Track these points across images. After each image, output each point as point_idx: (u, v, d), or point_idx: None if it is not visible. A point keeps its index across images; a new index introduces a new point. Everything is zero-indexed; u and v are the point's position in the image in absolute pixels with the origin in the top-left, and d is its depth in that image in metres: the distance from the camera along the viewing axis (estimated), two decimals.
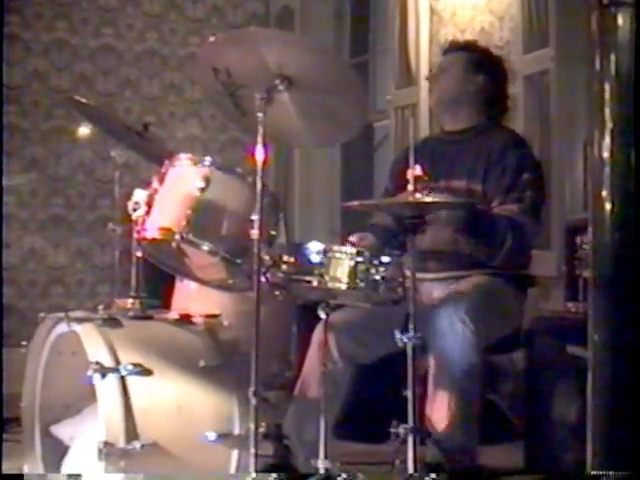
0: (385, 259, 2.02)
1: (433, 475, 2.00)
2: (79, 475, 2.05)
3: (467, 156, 2.59)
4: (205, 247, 2.13)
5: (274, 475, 2.06)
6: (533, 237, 2.50)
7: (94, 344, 2.11)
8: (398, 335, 2.00)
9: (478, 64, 2.63)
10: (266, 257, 2.02)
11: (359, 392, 2.56)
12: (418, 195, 2.02)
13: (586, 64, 1.54)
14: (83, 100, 2.68)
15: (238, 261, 2.13)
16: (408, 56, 4.33)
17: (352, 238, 2.41)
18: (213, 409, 2.16)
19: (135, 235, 2.22)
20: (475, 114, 2.65)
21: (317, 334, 2.38)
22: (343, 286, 2.00)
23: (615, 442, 1.47)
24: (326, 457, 2.05)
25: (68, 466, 2.28)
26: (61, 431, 2.38)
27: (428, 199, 2.04)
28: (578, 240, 2.46)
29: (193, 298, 2.60)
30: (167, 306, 2.67)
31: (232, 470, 2.14)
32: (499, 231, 2.40)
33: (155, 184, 2.21)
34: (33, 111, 4.89)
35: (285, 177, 5.16)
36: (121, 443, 2.03)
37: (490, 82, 2.64)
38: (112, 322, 2.19)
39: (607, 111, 1.48)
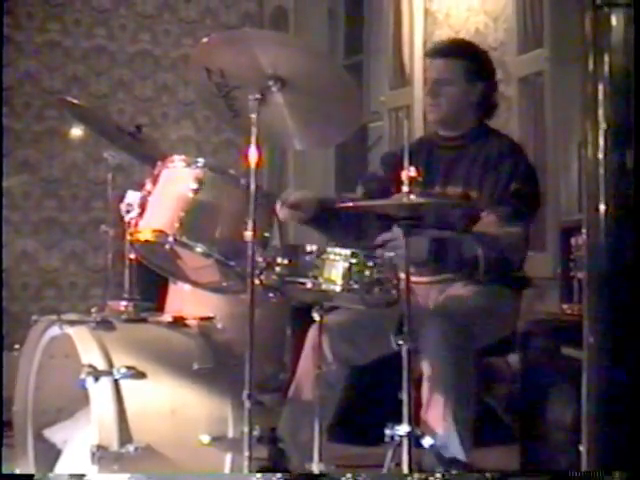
0: (380, 260, 2.01)
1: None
2: (83, 475, 2.04)
3: (464, 162, 2.58)
4: (198, 249, 2.12)
5: (278, 475, 2.04)
6: (516, 243, 2.46)
7: (87, 347, 2.11)
8: (393, 337, 1.99)
9: (479, 73, 2.61)
10: (260, 259, 2.02)
11: (353, 394, 2.55)
12: (412, 197, 2.01)
13: (581, 65, 1.54)
14: (75, 101, 2.68)
15: (232, 263, 2.13)
16: (402, 57, 4.33)
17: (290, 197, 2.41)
18: (207, 412, 2.16)
19: (128, 237, 2.21)
20: (471, 119, 2.64)
21: (311, 336, 2.37)
22: (337, 288, 1.99)
23: (610, 443, 1.47)
24: (320, 460, 2.04)
25: (61, 470, 2.27)
26: (54, 435, 2.37)
27: (422, 200, 2.04)
28: (573, 242, 2.46)
29: (187, 300, 2.59)
30: (160, 309, 2.66)
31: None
32: (466, 251, 2.39)
33: (148, 186, 2.21)
34: (25, 112, 4.87)
35: (279, 178, 5.15)
36: (114, 446, 2.03)
37: (488, 88, 2.64)
38: (105, 325, 2.20)
39: (601, 112, 1.48)
